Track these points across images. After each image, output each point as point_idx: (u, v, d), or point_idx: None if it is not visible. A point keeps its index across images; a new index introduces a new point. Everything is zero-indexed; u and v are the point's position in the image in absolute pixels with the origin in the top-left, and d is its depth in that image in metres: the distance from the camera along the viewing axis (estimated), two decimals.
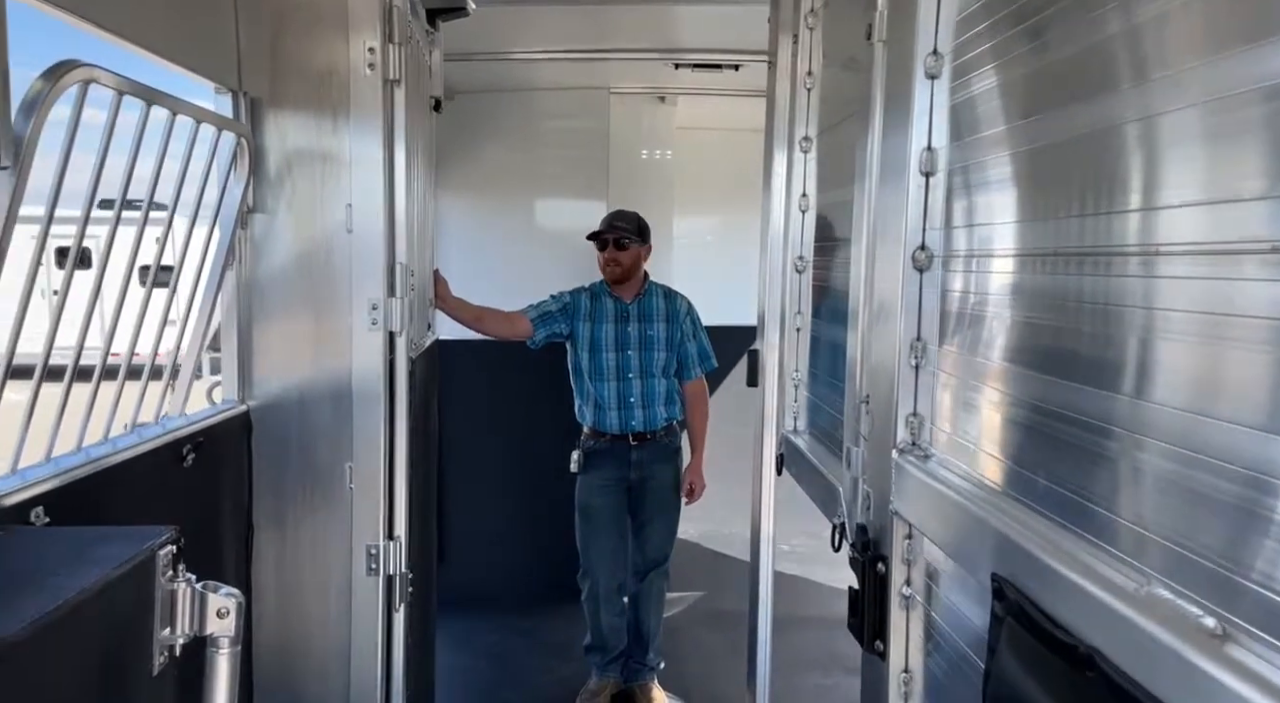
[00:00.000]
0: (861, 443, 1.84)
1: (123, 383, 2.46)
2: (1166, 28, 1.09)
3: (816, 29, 2.56)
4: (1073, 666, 0.99)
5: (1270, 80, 0.88)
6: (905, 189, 1.61)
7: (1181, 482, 0.95)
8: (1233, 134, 0.97)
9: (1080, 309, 1.22)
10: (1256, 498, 0.85)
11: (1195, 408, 0.97)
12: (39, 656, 1.30)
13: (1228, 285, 0.93)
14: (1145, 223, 1.13)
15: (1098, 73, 1.24)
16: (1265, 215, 0.88)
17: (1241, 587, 0.85)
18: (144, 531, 1.71)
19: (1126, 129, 1.16)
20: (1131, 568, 0.99)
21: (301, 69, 2.90)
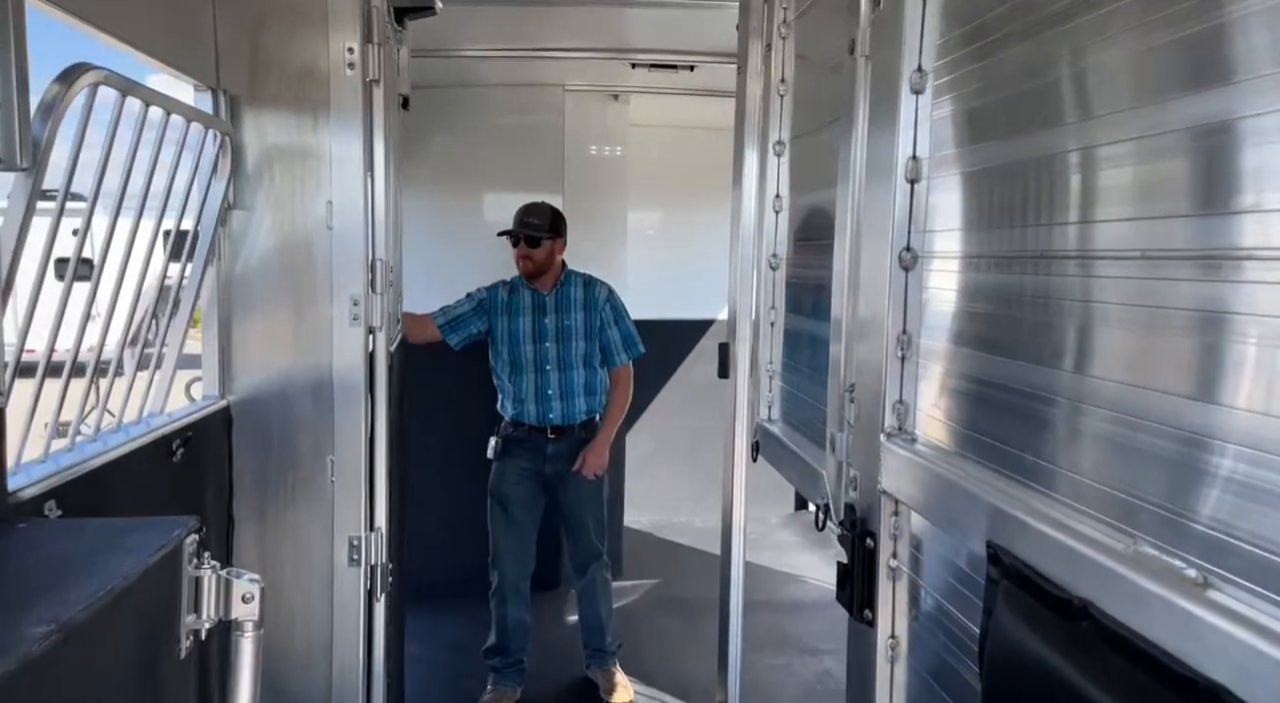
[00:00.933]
0: (846, 429, 1.98)
1: (113, 380, 2.48)
2: (1113, 72, 1.26)
3: (789, 38, 2.70)
4: (1067, 617, 1.13)
5: (1196, 121, 1.05)
6: (892, 194, 1.75)
7: (1153, 451, 1.11)
8: (1157, 164, 1.17)
9: (1053, 304, 1.38)
10: (1225, 464, 1.01)
11: (1149, 385, 1.14)
12: (94, 638, 1.36)
13: (1159, 284, 1.11)
14: (1099, 232, 1.29)
15: (1054, 103, 1.41)
16: (1187, 228, 1.07)
17: (1217, 541, 1.01)
18: (167, 521, 1.76)
19: (1074, 155, 1.34)
20: (1117, 530, 1.15)
21: (280, 67, 2.93)
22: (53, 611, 1.31)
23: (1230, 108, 1.02)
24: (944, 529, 1.57)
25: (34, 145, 1.73)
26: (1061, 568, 1.18)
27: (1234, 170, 1.03)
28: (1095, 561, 1.12)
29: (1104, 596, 1.10)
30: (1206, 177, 1.08)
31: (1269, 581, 0.93)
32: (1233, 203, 1.02)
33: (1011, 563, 1.28)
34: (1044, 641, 1.18)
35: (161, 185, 2.43)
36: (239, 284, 2.97)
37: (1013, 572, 1.28)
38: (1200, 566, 1.01)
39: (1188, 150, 1.11)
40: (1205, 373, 1.05)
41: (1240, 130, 1.01)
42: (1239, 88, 1.00)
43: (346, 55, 2.90)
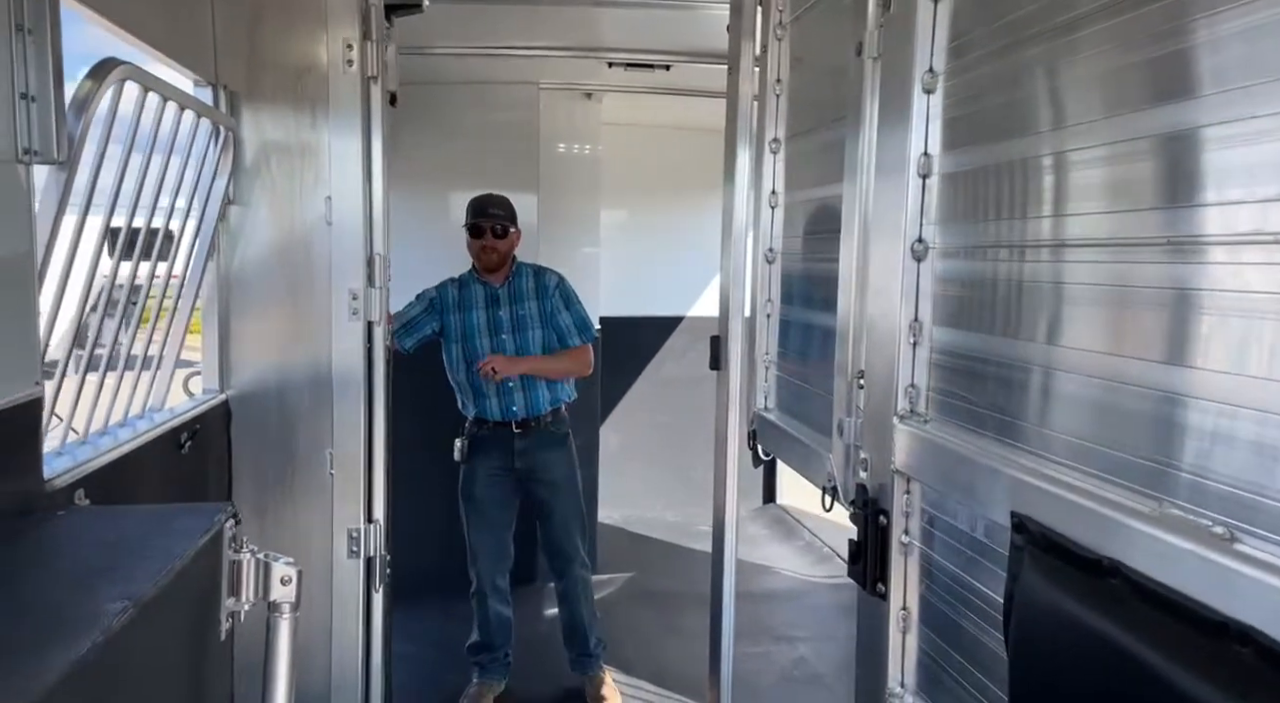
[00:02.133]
0: (856, 413, 2.08)
1: (121, 374, 2.49)
2: (1118, 76, 1.37)
3: (785, 40, 2.80)
4: (1097, 575, 1.24)
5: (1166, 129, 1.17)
6: (904, 189, 1.86)
7: (1175, 419, 1.22)
8: (1134, 164, 1.29)
9: (1073, 288, 1.49)
10: (1245, 427, 1.12)
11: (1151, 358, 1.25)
12: (160, 613, 1.41)
13: (1187, 268, 1.22)
14: (1109, 221, 1.41)
15: (1058, 105, 1.52)
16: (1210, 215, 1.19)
17: (1240, 499, 1.12)
18: (207, 506, 1.81)
19: (1085, 152, 1.46)
20: (1143, 495, 1.25)
21: (279, 63, 2.96)
22: (122, 588, 1.35)
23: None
24: (964, 502, 1.67)
25: (70, 141, 1.76)
26: (1090, 532, 1.28)
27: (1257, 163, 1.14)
28: (1124, 523, 1.23)
29: (1134, 554, 1.20)
30: (1224, 169, 1.19)
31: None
32: (1256, 193, 1.13)
33: (1038, 530, 1.38)
34: (1074, 598, 1.28)
35: (171, 181, 2.45)
36: (237, 279, 2.99)
37: (1039, 538, 1.38)
38: (1226, 522, 1.12)
39: (1206, 143, 1.22)
40: (1224, 347, 1.16)
41: None
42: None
43: (345, 52, 2.93)
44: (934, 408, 1.84)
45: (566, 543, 4.28)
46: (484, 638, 4.35)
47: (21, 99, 1.60)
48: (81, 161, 1.93)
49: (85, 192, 1.95)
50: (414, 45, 4.56)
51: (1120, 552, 1.22)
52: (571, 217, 5.83)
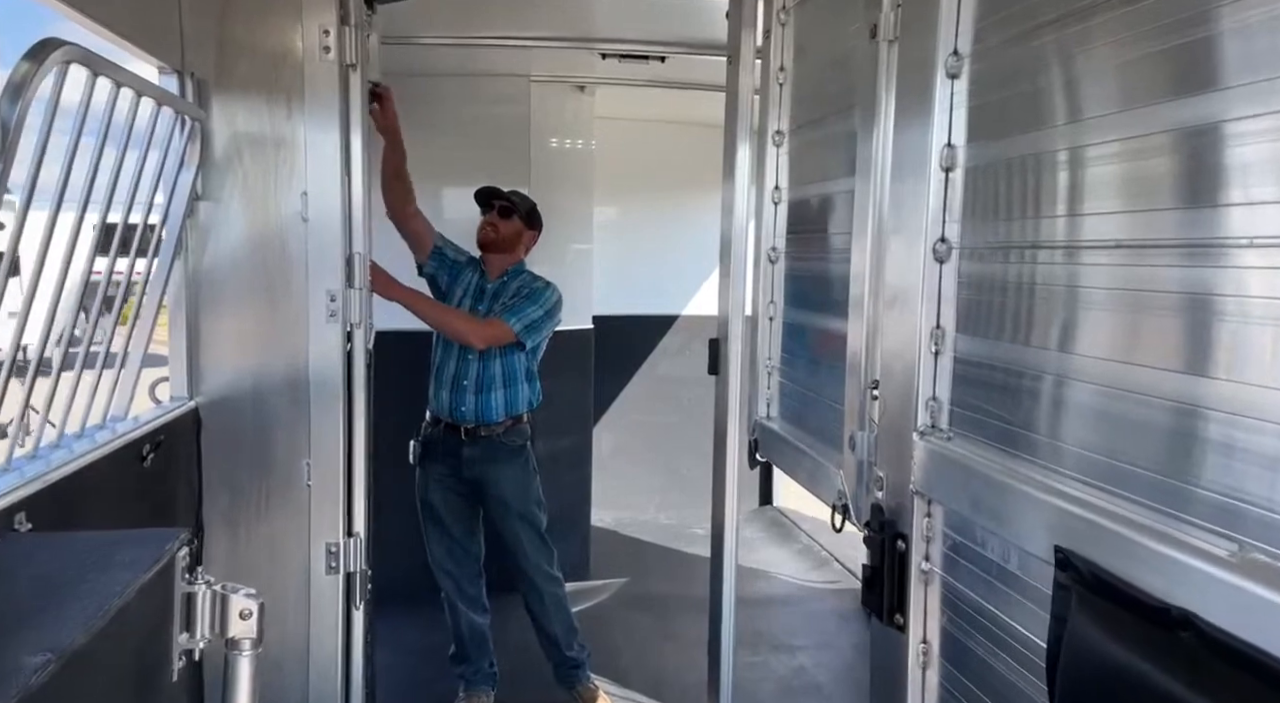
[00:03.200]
0: (870, 427, 1.92)
1: (78, 380, 2.32)
2: (1160, 57, 1.21)
3: (789, 25, 2.63)
4: (1164, 628, 1.08)
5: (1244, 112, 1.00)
6: (925, 184, 1.69)
7: (1261, 450, 1.05)
8: (1200, 153, 1.14)
9: (1131, 295, 1.33)
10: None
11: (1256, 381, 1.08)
12: (91, 664, 1.24)
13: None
14: (1167, 218, 1.24)
15: (1106, 87, 1.36)
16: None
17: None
18: (157, 533, 1.63)
19: (1136, 142, 1.29)
20: (1217, 535, 1.09)
21: (251, 50, 2.78)
22: (48, 636, 1.18)
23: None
24: (995, 530, 1.51)
25: (4, 129, 1.59)
26: (1153, 575, 1.12)
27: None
28: (1195, 567, 1.07)
29: (1208, 604, 1.04)
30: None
31: None
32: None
33: (1087, 569, 1.22)
34: (1136, 652, 1.12)
35: (130, 174, 2.27)
36: (207, 279, 2.82)
37: (1089, 578, 1.22)
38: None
39: None
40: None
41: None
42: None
43: (322, 38, 2.76)
44: (958, 424, 1.68)
45: (523, 561, 4.02)
46: (459, 649, 4.17)
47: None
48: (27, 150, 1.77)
49: (27, 185, 1.77)
50: (400, 35, 4.38)
51: (1191, 600, 1.06)
52: (564, 213, 5.66)
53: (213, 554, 2.89)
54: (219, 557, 2.89)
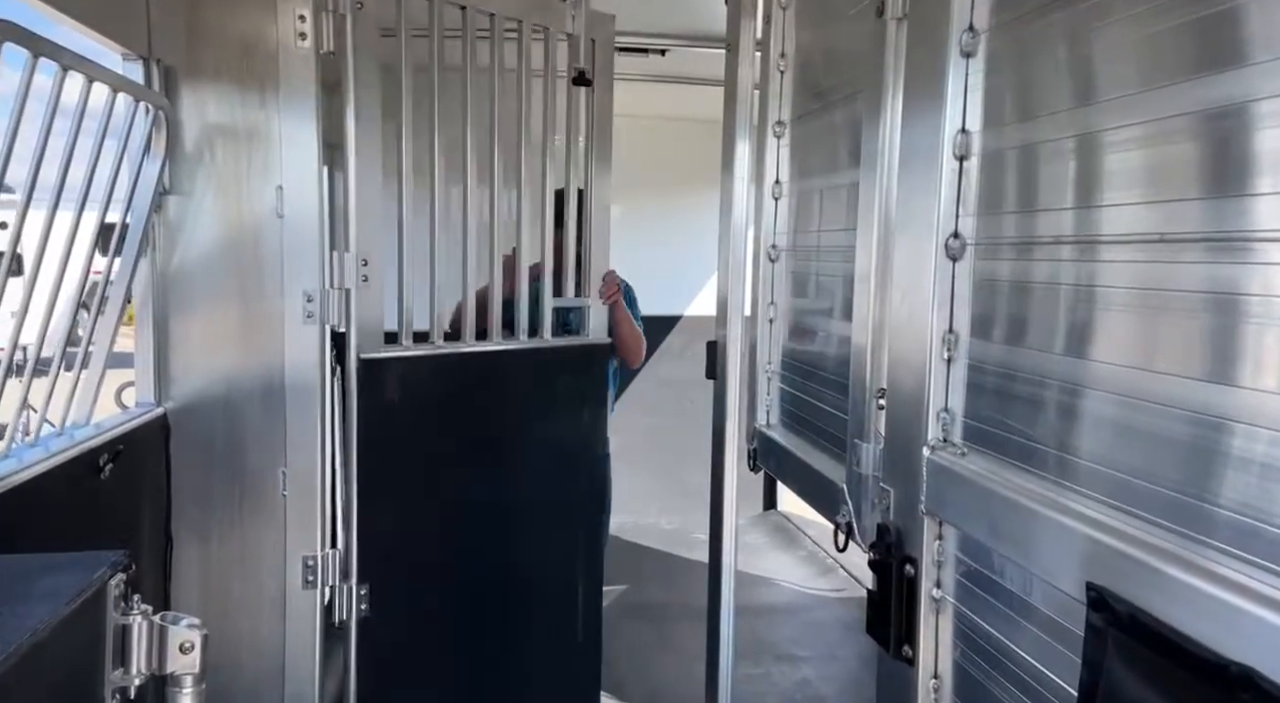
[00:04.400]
0: (875, 439, 1.77)
1: (29, 383, 2.18)
2: (1218, 26, 1.04)
3: (790, 8, 2.47)
4: (1219, 685, 0.92)
5: None
6: (937, 174, 1.53)
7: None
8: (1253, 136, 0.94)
9: (1140, 295, 1.18)
10: None
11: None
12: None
13: None
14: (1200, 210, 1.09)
15: (1143, 63, 1.20)
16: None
17: None
18: (88, 557, 1.48)
19: (1168, 124, 1.13)
20: (1276, 575, 0.94)
21: (222, 36, 2.64)
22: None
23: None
24: (1017, 560, 1.35)
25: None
26: (1205, 623, 0.96)
27: None
28: (1258, 616, 0.91)
29: (1268, 660, 0.89)
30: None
31: None
32: None
33: (1126, 611, 1.06)
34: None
35: (84, 167, 2.12)
36: (176, 278, 2.67)
37: (1127, 621, 1.06)
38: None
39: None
40: None
41: None
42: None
43: (298, 24, 2.61)
44: (973, 438, 1.52)
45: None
46: None
47: None
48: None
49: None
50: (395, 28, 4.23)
51: (1253, 655, 0.90)
52: None
53: (183, 570, 2.74)
54: (189, 572, 2.75)
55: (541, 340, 3.25)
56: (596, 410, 3.45)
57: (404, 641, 2.94)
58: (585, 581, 3.52)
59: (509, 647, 3.27)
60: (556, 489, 3.36)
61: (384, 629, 2.86)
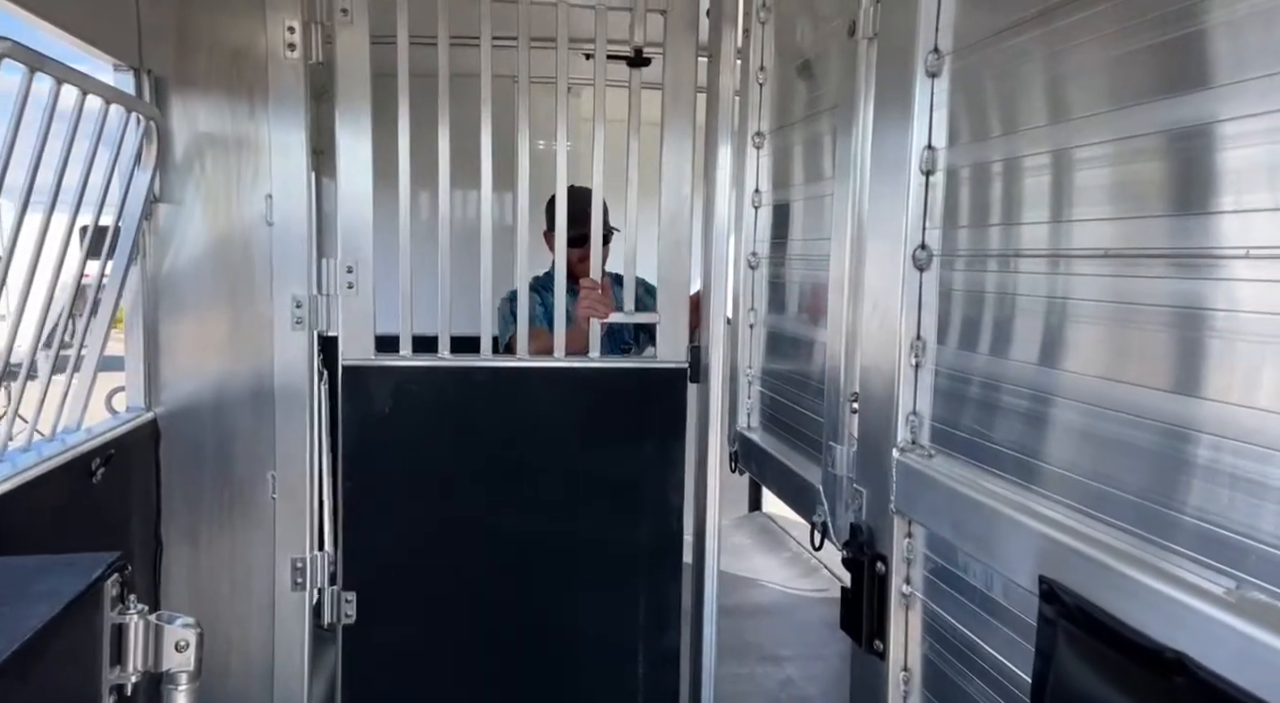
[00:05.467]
0: (848, 441, 1.83)
1: (24, 388, 2.21)
2: (1182, 44, 1.11)
3: (769, 23, 2.54)
4: (1157, 670, 0.99)
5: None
6: (905, 188, 1.60)
7: (1264, 482, 0.96)
8: (1198, 156, 1.06)
9: (1093, 306, 1.24)
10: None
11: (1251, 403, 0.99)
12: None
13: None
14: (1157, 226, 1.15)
15: (1095, 86, 1.27)
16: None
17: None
18: (84, 559, 1.53)
19: (1117, 145, 1.20)
20: (1215, 571, 1.00)
21: (212, 46, 2.68)
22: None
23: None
24: (978, 556, 1.42)
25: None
26: (1145, 612, 1.03)
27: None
28: (1189, 606, 0.98)
29: (1201, 646, 0.95)
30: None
31: None
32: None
33: (1074, 602, 1.13)
34: (1126, 696, 1.03)
35: (76, 176, 2.16)
36: (166, 284, 2.72)
37: (1076, 613, 1.12)
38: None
39: None
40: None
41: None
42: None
43: (286, 35, 2.66)
44: (940, 440, 1.59)
45: None
46: None
47: None
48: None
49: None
50: (386, 35, 4.26)
51: (1185, 642, 0.97)
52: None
53: (172, 572, 2.78)
54: (179, 575, 2.79)
55: (554, 359, 2.95)
56: (659, 448, 2.88)
57: (392, 650, 2.95)
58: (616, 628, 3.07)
59: (505, 667, 3.05)
60: (589, 528, 2.96)
61: (371, 637, 2.88)
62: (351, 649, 2.89)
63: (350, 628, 2.87)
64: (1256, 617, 0.92)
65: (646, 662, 3.07)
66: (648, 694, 3.08)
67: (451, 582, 2.95)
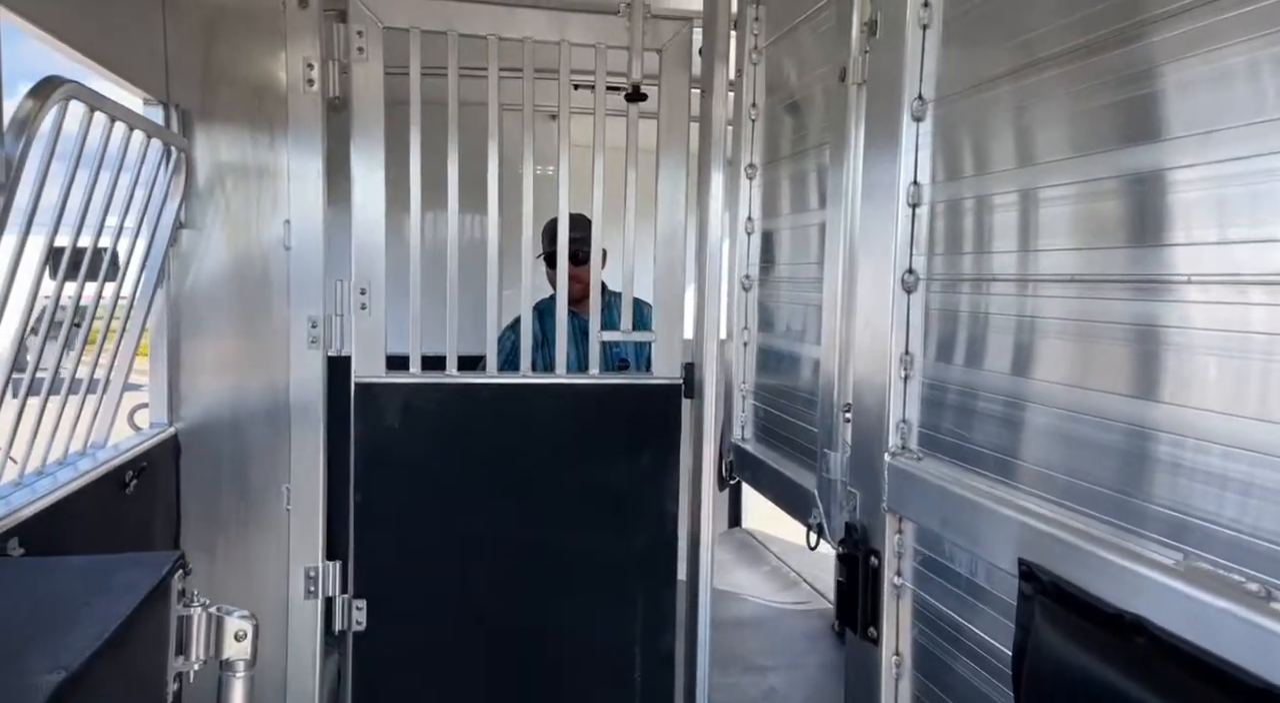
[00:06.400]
0: (842, 448, 2.01)
1: (64, 406, 2.34)
2: (1098, 114, 1.31)
3: (760, 64, 2.74)
4: (1119, 633, 1.16)
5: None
6: (894, 219, 1.79)
7: (1203, 468, 1.15)
8: (1139, 199, 1.26)
9: (1059, 324, 1.43)
10: None
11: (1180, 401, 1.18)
12: (97, 684, 1.27)
13: (1219, 308, 1.15)
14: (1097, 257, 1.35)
15: (1062, 134, 1.47)
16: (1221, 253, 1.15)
17: (1274, 554, 1.05)
18: (150, 556, 1.67)
19: (1069, 189, 1.41)
20: (1165, 546, 1.18)
21: (235, 82, 2.84)
22: (55, 657, 1.22)
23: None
24: (964, 546, 1.60)
25: (7, 163, 1.63)
26: (1108, 584, 1.21)
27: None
28: (1146, 576, 1.16)
29: (1157, 610, 1.13)
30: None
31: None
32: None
33: (1049, 580, 1.31)
34: (1094, 656, 1.21)
35: (119, 203, 2.31)
36: (188, 306, 2.85)
37: (1050, 588, 1.30)
38: (1262, 579, 1.05)
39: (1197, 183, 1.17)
40: (1259, 390, 1.10)
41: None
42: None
43: (305, 71, 2.83)
44: (927, 444, 1.77)
45: None
46: None
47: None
48: (23, 181, 1.80)
49: (26, 213, 1.81)
50: (399, 66, 4.41)
51: (1143, 607, 1.15)
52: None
53: (191, 579, 2.88)
54: (196, 582, 2.87)
55: (555, 376, 3.10)
56: (655, 460, 3.05)
57: (401, 657, 3.08)
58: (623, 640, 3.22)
59: (508, 671, 3.19)
60: (589, 536, 3.10)
61: (381, 645, 3.02)
62: (361, 655, 3.03)
63: (360, 635, 3.00)
64: (1201, 583, 1.10)
65: (644, 665, 3.23)
66: (645, 697, 3.22)
67: (456, 588, 3.10)
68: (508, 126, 5.71)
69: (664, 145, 3.06)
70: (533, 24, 3.10)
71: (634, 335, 3.13)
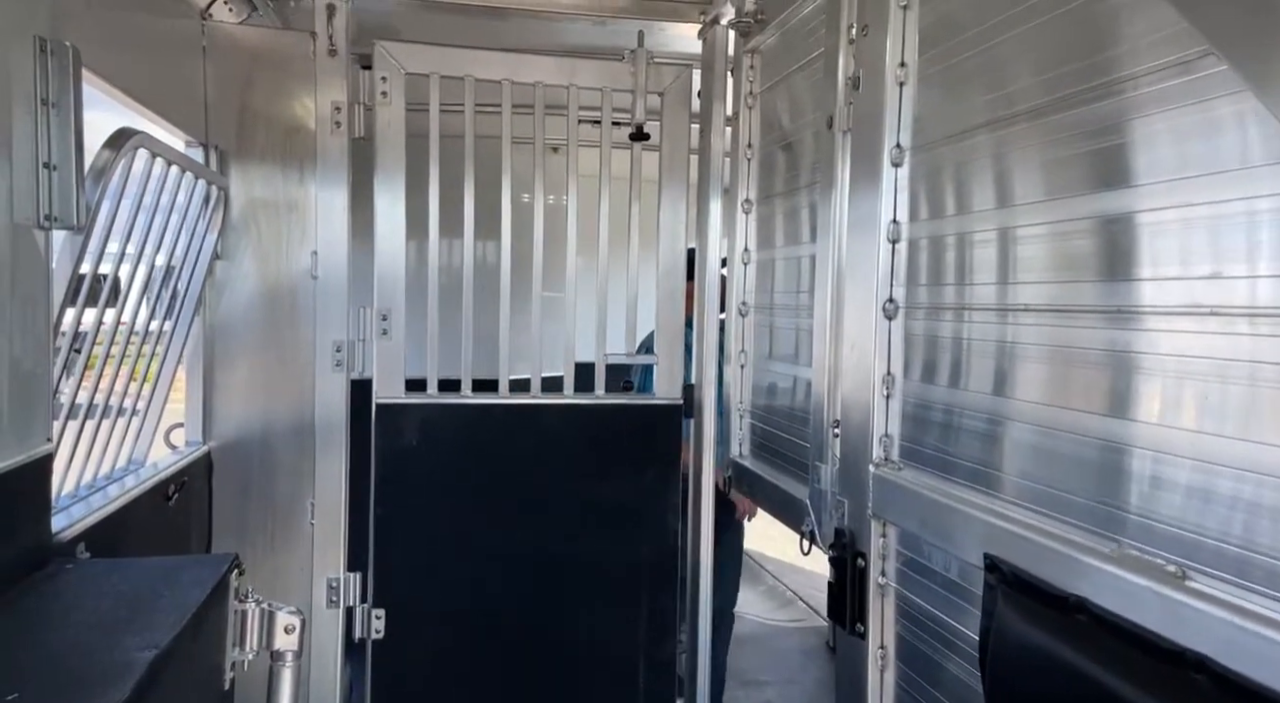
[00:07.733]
0: (832, 460, 2.21)
1: (114, 425, 2.53)
2: (1057, 166, 1.53)
3: (755, 108, 2.97)
4: (1065, 612, 1.36)
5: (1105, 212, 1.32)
6: (875, 253, 2.00)
7: (1129, 469, 1.35)
8: (1076, 242, 1.47)
9: (1028, 349, 1.64)
10: (1190, 477, 1.26)
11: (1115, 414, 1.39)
12: (179, 661, 1.46)
13: (1137, 334, 1.36)
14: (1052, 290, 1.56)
15: (1025, 181, 1.68)
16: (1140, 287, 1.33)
17: (1190, 541, 1.25)
18: (210, 557, 1.86)
19: (1026, 229, 1.62)
20: (1102, 536, 1.38)
21: (268, 123, 3.05)
22: (145, 637, 1.41)
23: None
24: (939, 545, 1.79)
25: (88, 208, 1.83)
26: (1057, 572, 1.40)
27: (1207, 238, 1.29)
28: (1088, 563, 1.35)
29: (1098, 592, 1.33)
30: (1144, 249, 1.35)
31: (1235, 569, 1.18)
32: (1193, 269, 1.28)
33: (1009, 570, 1.50)
34: (1045, 633, 1.40)
35: (169, 240, 2.52)
36: (221, 332, 3.05)
37: (1010, 578, 1.50)
38: (1179, 561, 1.25)
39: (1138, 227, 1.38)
40: (1174, 404, 1.30)
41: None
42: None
43: (334, 114, 3.04)
44: (906, 456, 1.97)
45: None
46: None
47: (44, 168, 1.68)
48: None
49: (96, 252, 2.01)
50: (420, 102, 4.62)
51: (1085, 590, 1.35)
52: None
53: (247, 587, 3.06)
54: None
55: (564, 396, 3.28)
56: (656, 477, 3.24)
57: (417, 663, 3.26)
58: (626, 648, 3.39)
59: (520, 677, 3.35)
60: (596, 547, 3.29)
61: (399, 651, 3.20)
62: (380, 662, 3.20)
63: (379, 642, 3.18)
64: (1132, 567, 1.30)
65: (648, 670, 3.39)
66: (648, 698, 3.40)
67: (470, 598, 3.29)
68: (517, 160, 5.95)
69: (666, 181, 3.28)
70: (543, 69, 3.31)
71: (639, 358, 3.35)
